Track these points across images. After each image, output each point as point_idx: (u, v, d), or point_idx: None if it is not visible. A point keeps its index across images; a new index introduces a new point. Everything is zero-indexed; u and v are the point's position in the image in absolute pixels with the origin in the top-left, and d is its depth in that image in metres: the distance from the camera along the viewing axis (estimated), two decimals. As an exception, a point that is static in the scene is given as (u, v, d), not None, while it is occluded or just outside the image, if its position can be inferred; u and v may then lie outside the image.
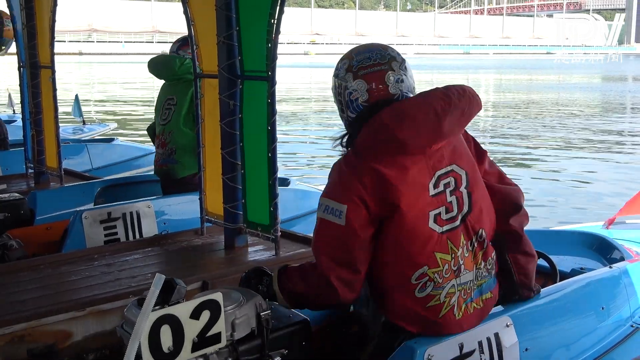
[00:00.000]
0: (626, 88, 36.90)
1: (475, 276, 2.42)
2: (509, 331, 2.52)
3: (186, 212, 4.52)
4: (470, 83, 39.24)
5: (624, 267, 3.23)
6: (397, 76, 2.38)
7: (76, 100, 10.52)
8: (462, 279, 2.38)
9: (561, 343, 2.80)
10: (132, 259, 3.73)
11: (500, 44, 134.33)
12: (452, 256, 2.35)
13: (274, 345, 2.29)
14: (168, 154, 4.85)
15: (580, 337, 2.88)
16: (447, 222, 2.34)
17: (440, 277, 2.33)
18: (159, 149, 4.94)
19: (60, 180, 5.40)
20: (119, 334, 2.14)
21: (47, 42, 5.27)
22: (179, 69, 4.83)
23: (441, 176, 2.35)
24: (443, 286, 2.34)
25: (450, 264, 2.35)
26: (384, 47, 2.45)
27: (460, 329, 2.40)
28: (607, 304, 3.04)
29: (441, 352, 2.31)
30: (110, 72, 48.97)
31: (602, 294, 3.06)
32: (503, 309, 2.61)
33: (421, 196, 2.31)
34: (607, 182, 11.26)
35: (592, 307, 2.98)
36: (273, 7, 3.33)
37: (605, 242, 3.73)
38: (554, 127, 19.28)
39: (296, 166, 12.45)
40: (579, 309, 2.92)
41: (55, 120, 5.36)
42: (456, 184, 2.37)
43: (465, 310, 2.40)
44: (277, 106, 3.48)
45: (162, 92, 5.02)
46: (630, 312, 3.13)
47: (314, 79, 44.52)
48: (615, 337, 3.00)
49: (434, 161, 2.34)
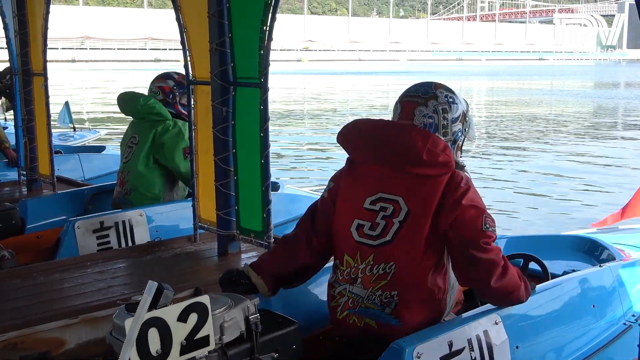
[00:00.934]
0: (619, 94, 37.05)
1: (367, 296, 2.52)
2: (498, 329, 2.54)
3: (178, 220, 4.52)
4: (463, 90, 39.46)
5: (614, 266, 3.26)
6: (427, 112, 2.54)
7: (66, 107, 10.44)
8: (354, 290, 2.55)
9: (553, 341, 2.81)
10: (124, 267, 3.73)
11: (493, 50, 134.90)
12: (354, 265, 2.55)
13: (263, 349, 2.30)
14: (124, 193, 4.75)
15: (572, 335, 2.89)
16: (366, 236, 2.52)
17: (340, 275, 2.59)
18: (118, 186, 4.85)
19: (52, 188, 5.39)
20: (108, 341, 2.14)
21: (40, 50, 5.27)
22: (141, 107, 4.71)
23: (383, 199, 2.51)
24: (340, 283, 2.60)
25: (351, 270, 2.55)
26: (437, 85, 2.61)
27: (339, 328, 2.62)
28: (598, 302, 3.06)
29: (430, 350, 2.31)
30: (103, 79, 48.93)
31: (593, 292, 3.09)
32: (492, 307, 2.63)
33: (356, 203, 2.55)
34: (600, 189, 11.29)
35: (584, 305, 3.00)
36: (265, 14, 3.35)
37: (595, 243, 3.77)
38: (547, 131, 19.35)
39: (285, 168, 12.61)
40: (570, 307, 2.94)
41: (47, 127, 5.35)
42: (392, 213, 2.48)
43: (346, 316, 2.57)
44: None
45: (129, 128, 4.93)
46: (622, 310, 3.16)
47: (307, 85, 44.60)
48: (608, 335, 3.02)
49: (382, 184, 2.51)
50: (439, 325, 2.51)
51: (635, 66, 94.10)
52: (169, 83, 4.83)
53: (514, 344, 2.59)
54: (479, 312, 2.61)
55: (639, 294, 3.29)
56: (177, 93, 4.80)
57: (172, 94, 4.80)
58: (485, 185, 11.12)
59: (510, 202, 10.29)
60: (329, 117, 24.22)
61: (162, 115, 4.69)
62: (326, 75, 57.68)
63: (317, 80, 49.17)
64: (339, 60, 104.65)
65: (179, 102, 4.80)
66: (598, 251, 3.69)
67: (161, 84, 4.84)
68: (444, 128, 2.54)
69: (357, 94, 37.51)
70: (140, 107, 4.71)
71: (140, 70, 55.70)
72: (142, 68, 60.44)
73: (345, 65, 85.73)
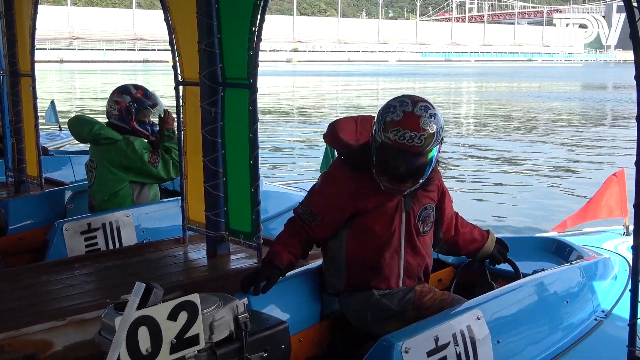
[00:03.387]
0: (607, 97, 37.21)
1: None
2: (480, 324, 2.63)
3: (165, 220, 4.52)
4: (451, 91, 39.51)
5: (583, 264, 3.37)
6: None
7: (52, 106, 10.40)
8: None
9: (531, 336, 2.90)
10: (113, 268, 3.71)
11: (482, 51, 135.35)
12: None
13: (252, 348, 2.30)
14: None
15: (548, 330, 2.98)
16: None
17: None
18: (90, 209, 4.79)
19: (40, 189, 5.36)
20: (96, 341, 2.13)
21: (28, 50, 5.24)
22: (87, 136, 4.66)
23: None
24: None
25: None
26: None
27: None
28: (571, 298, 3.15)
29: (417, 344, 2.39)
30: (91, 80, 48.76)
31: (566, 288, 3.17)
32: (474, 303, 2.73)
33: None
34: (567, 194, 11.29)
35: (558, 301, 3.09)
36: (254, 14, 3.33)
37: (562, 244, 3.87)
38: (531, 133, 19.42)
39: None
40: (545, 303, 3.03)
41: (35, 128, 5.31)
42: None
43: None
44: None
45: (90, 150, 4.87)
46: (593, 306, 3.26)
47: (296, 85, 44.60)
48: (581, 330, 3.11)
49: None
50: (425, 320, 2.61)
51: (622, 67, 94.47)
52: (125, 99, 4.76)
53: (496, 338, 2.68)
54: (462, 308, 2.71)
55: (606, 291, 3.40)
56: (133, 110, 4.74)
57: (127, 111, 4.73)
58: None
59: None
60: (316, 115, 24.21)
61: (111, 138, 4.62)
62: (315, 76, 57.64)
63: (306, 81, 49.19)
64: (329, 61, 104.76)
65: (134, 119, 4.74)
66: (565, 251, 3.79)
67: (118, 98, 4.78)
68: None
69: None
70: (85, 136, 4.68)
71: (129, 72, 55.48)
72: (131, 69, 60.34)
73: (335, 66, 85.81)
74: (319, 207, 2.90)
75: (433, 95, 34.16)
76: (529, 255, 3.78)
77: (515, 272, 3.28)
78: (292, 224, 2.99)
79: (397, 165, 2.71)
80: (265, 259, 2.91)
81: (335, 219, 2.89)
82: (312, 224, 2.91)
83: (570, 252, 3.73)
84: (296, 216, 2.99)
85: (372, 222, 2.86)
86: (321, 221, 2.90)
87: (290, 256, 2.89)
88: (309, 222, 2.92)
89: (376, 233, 2.87)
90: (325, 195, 2.91)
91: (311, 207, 2.92)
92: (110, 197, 4.63)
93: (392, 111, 2.70)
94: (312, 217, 2.91)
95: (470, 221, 3.30)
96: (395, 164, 2.71)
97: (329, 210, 2.89)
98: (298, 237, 2.94)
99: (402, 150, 2.68)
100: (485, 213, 9.56)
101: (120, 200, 4.64)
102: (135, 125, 4.74)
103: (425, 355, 2.41)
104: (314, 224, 2.91)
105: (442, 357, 2.47)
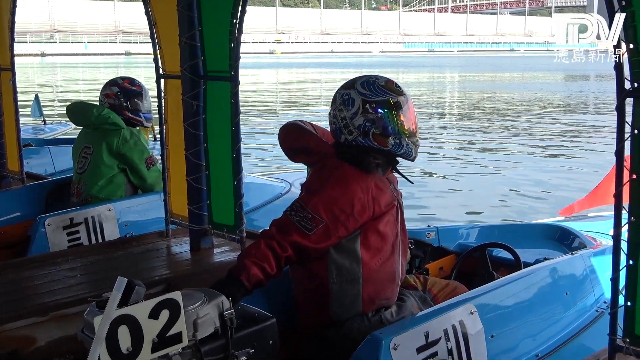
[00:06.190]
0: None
1: None
2: (473, 318, 2.58)
3: (147, 213, 4.51)
4: (435, 81, 39.52)
5: (586, 253, 3.31)
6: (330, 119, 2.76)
7: (36, 100, 10.35)
8: None
9: (527, 329, 2.86)
10: (96, 263, 3.69)
11: (465, 41, 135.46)
12: None
13: (239, 344, 2.28)
14: (81, 204, 4.67)
15: (546, 323, 2.94)
16: None
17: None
18: (73, 197, 4.79)
19: (22, 184, 5.32)
20: (79, 338, 2.12)
21: (7, 44, 5.18)
22: (95, 119, 4.66)
23: None
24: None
25: None
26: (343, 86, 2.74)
27: None
28: (570, 289, 3.11)
29: (406, 341, 2.34)
30: (73, 73, 48.39)
31: (566, 280, 3.14)
32: (467, 297, 2.68)
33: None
34: (565, 179, 11.38)
35: (557, 293, 3.05)
36: (235, 6, 3.32)
37: (566, 231, 3.83)
38: (516, 123, 19.50)
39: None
40: (543, 296, 2.99)
41: (16, 123, 5.26)
42: None
43: None
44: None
45: (81, 137, 4.88)
46: (594, 297, 3.20)
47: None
48: (581, 322, 3.07)
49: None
50: (416, 316, 2.57)
51: (603, 56, 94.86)
52: (113, 90, 4.83)
53: (489, 333, 2.63)
54: (454, 302, 2.65)
55: (610, 281, 3.33)
56: (122, 99, 4.79)
57: (118, 101, 4.79)
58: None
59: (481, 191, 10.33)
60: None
61: (117, 124, 4.66)
62: (299, 68, 57.55)
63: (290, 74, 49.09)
64: (312, 52, 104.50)
65: (127, 109, 4.79)
66: (569, 239, 3.75)
67: (107, 91, 4.83)
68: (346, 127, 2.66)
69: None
70: (94, 119, 4.67)
71: (111, 65, 55.10)
72: (113, 61, 59.88)
73: (318, 58, 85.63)
74: (323, 213, 2.54)
75: (417, 86, 34.23)
76: (533, 243, 3.76)
77: (517, 261, 3.24)
78: (268, 237, 2.55)
79: (415, 118, 2.71)
80: (232, 270, 2.50)
81: (345, 227, 2.56)
82: (311, 232, 2.52)
83: (574, 240, 3.70)
84: (277, 227, 2.57)
85: (384, 224, 2.65)
86: (324, 228, 2.53)
87: (260, 275, 2.49)
88: (308, 231, 2.52)
89: (388, 236, 2.67)
90: (333, 200, 2.56)
91: (312, 212, 2.54)
92: (106, 183, 4.64)
93: (373, 80, 2.67)
94: (314, 224, 2.53)
95: (470, 207, 3.24)
96: (414, 117, 2.71)
97: (336, 216, 2.54)
98: (273, 252, 2.51)
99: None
100: (486, 199, 9.66)
101: (114, 187, 4.65)
102: (129, 114, 4.79)
103: (415, 352, 2.35)
104: (313, 233, 2.53)
105: (432, 352, 2.41)
